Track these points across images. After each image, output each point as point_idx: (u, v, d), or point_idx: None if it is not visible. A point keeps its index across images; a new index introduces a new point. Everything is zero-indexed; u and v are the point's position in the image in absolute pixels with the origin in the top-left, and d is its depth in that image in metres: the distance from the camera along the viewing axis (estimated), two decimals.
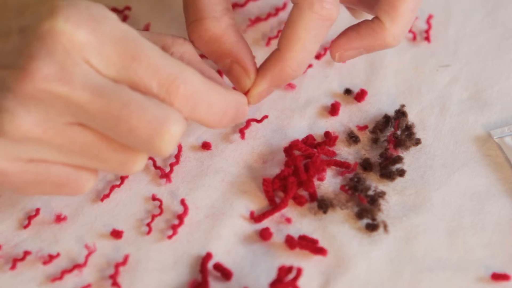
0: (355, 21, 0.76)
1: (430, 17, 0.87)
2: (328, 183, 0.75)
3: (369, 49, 0.74)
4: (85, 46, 0.63)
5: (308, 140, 0.77)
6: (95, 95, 0.62)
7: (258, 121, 0.79)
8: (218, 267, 0.69)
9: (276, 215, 0.73)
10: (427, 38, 0.85)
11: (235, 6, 0.88)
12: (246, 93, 0.73)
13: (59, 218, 0.73)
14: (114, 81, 0.63)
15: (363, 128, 0.79)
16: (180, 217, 0.73)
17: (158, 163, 0.76)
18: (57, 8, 0.63)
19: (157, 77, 0.63)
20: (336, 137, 0.77)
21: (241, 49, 0.73)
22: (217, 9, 0.73)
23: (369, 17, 0.75)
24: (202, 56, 0.76)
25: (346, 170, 0.75)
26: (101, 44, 0.63)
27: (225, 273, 0.69)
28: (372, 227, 0.71)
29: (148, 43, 0.64)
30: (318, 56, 0.84)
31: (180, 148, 0.77)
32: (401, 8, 0.72)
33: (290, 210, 0.73)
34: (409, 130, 0.78)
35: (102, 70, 0.63)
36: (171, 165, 0.76)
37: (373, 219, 0.72)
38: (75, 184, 0.66)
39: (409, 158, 0.76)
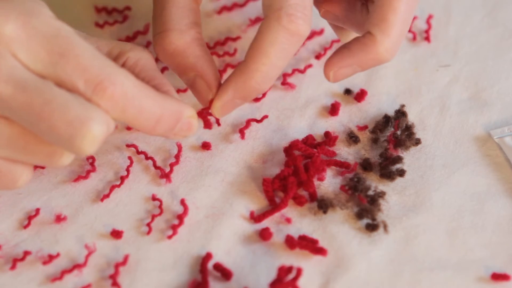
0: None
1: (430, 17, 0.87)
2: (328, 183, 0.75)
3: (363, 65, 0.72)
4: (13, 40, 0.62)
5: (308, 140, 0.77)
6: (18, 90, 0.62)
7: (258, 121, 0.79)
8: (218, 267, 0.69)
9: (276, 215, 0.73)
10: (427, 38, 0.85)
11: (235, 6, 0.88)
12: (209, 104, 0.72)
13: (59, 218, 0.73)
14: (41, 77, 0.63)
15: (363, 128, 0.79)
16: (180, 217, 0.73)
17: (158, 163, 0.76)
18: None
19: (84, 76, 0.63)
20: (336, 137, 0.78)
21: (205, 63, 0.72)
22: (183, 22, 0.72)
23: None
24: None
25: (346, 170, 0.75)
26: (30, 39, 0.62)
27: (225, 273, 0.69)
28: (372, 227, 0.71)
29: (83, 43, 0.64)
30: (318, 56, 0.84)
31: (180, 148, 0.77)
32: (392, 19, 0.70)
33: (290, 210, 0.73)
34: (409, 130, 0.78)
35: (30, 65, 0.63)
36: (171, 165, 0.76)
37: (373, 219, 0.72)
38: (7, 177, 0.66)
39: (409, 158, 0.76)
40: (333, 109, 0.80)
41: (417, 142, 0.77)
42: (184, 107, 0.68)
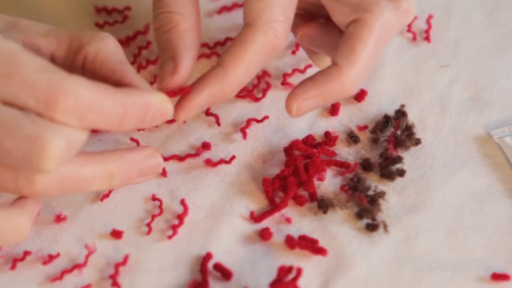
0: None
1: (430, 17, 0.87)
2: (328, 183, 0.75)
3: (326, 98, 0.71)
4: None
5: (308, 140, 0.77)
6: None
7: (259, 121, 0.79)
8: (218, 267, 0.69)
9: (276, 215, 0.73)
10: (427, 38, 0.85)
11: (235, 6, 0.88)
12: (168, 93, 0.68)
13: (59, 218, 0.73)
14: None
15: (363, 128, 0.79)
16: (180, 217, 0.73)
17: None
18: None
19: (34, 93, 0.61)
20: (336, 137, 0.78)
21: (185, 50, 0.70)
22: (187, 9, 0.71)
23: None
24: None
25: (346, 170, 0.75)
26: None
27: (225, 273, 0.69)
28: (372, 227, 0.71)
29: (27, 57, 0.62)
30: None
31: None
32: (360, 52, 0.70)
33: (290, 210, 0.73)
34: (409, 130, 0.78)
35: None
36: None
37: (373, 219, 0.72)
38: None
39: (409, 158, 0.76)
40: (333, 109, 0.80)
41: (417, 142, 0.77)
42: (150, 95, 0.66)
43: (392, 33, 0.72)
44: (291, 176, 0.73)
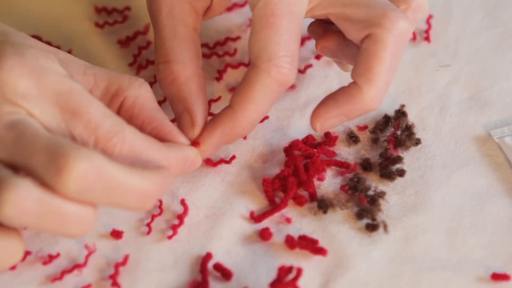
0: None
1: (430, 17, 0.87)
2: (328, 183, 0.75)
3: (349, 115, 0.72)
4: (26, 97, 0.63)
5: (308, 140, 0.77)
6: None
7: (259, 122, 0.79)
8: (218, 267, 0.69)
9: (276, 215, 0.73)
10: (427, 38, 0.85)
11: (235, 6, 0.88)
12: (192, 143, 0.71)
13: None
14: (53, 133, 0.64)
15: (363, 128, 0.79)
16: (180, 217, 0.73)
17: None
18: (4, 57, 0.63)
19: (95, 134, 0.64)
20: (336, 137, 0.78)
21: (196, 100, 0.72)
22: (185, 55, 0.73)
23: None
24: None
25: (346, 170, 0.75)
26: (43, 97, 0.64)
27: (225, 273, 0.69)
28: (372, 227, 0.71)
29: (92, 99, 0.65)
30: (318, 57, 0.84)
31: None
32: (377, 68, 0.70)
33: (290, 210, 0.73)
34: (409, 130, 0.78)
35: (45, 122, 0.64)
36: None
37: (373, 219, 0.72)
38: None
39: (409, 158, 0.76)
40: None
41: (417, 142, 0.77)
42: (188, 150, 0.70)
43: (407, 39, 0.71)
44: (291, 176, 0.73)
